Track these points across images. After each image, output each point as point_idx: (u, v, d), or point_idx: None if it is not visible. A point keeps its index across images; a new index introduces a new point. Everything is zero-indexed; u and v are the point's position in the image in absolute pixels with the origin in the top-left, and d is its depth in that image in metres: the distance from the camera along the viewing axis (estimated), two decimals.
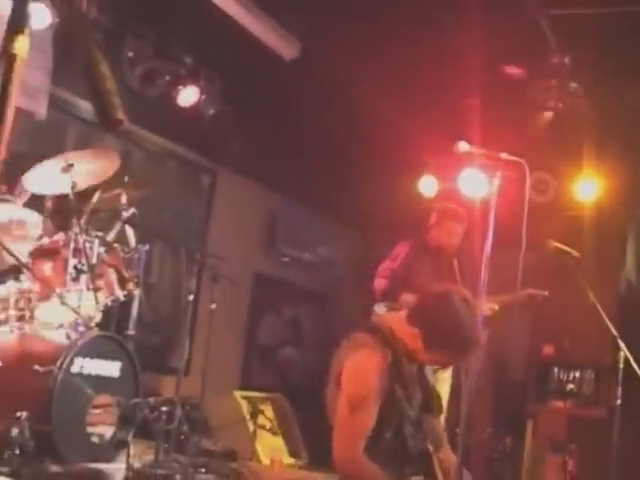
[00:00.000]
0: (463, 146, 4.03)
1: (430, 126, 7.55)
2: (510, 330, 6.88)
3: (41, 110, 6.37)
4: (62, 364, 4.21)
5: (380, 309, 5.90)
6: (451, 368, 5.87)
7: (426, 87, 7.18)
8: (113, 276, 4.96)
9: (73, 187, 4.69)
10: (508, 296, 5.71)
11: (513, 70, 6.79)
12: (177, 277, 7.78)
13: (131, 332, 5.36)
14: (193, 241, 7.65)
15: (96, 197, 4.97)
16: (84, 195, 4.90)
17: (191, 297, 5.46)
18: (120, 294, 4.98)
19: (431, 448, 3.46)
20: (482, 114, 7.03)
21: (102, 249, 4.89)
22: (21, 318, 4.68)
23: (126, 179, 5.21)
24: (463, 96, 7.23)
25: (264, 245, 8.92)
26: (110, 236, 5.02)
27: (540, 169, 7.77)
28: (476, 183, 6.61)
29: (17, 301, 4.72)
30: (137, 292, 5.22)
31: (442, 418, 3.97)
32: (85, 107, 6.93)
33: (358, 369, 3.36)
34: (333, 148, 8.10)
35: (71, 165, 4.69)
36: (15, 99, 6.09)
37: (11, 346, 4.44)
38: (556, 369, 7.98)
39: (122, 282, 4.98)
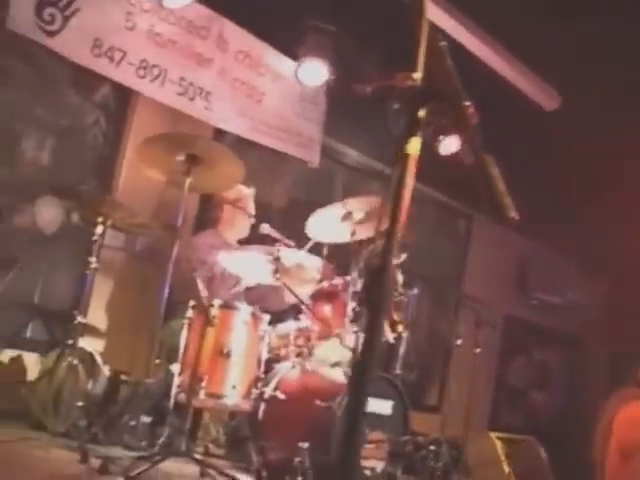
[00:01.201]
0: None
1: None
2: None
3: (315, 159, 6.75)
4: (342, 400, 4.38)
5: None
6: None
7: None
8: (384, 319, 5.13)
9: (352, 234, 4.92)
10: None
11: None
12: (432, 318, 7.93)
13: (398, 372, 5.49)
14: (449, 283, 7.77)
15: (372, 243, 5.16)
16: (361, 240, 5.12)
17: (459, 342, 5.53)
18: (390, 336, 5.13)
19: None
20: None
21: None
22: (299, 354, 4.98)
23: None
24: None
25: (515, 288, 8.87)
26: None
27: None
28: None
29: (296, 338, 5.04)
30: (405, 334, 5.35)
31: None
32: (351, 155, 7.25)
33: (631, 419, 3.34)
34: (585, 195, 7.96)
35: (350, 213, 4.92)
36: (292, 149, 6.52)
37: (294, 381, 4.69)
38: None
39: (392, 325, 5.12)
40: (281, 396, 4.56)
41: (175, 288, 4.73)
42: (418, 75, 1.92)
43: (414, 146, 1.89)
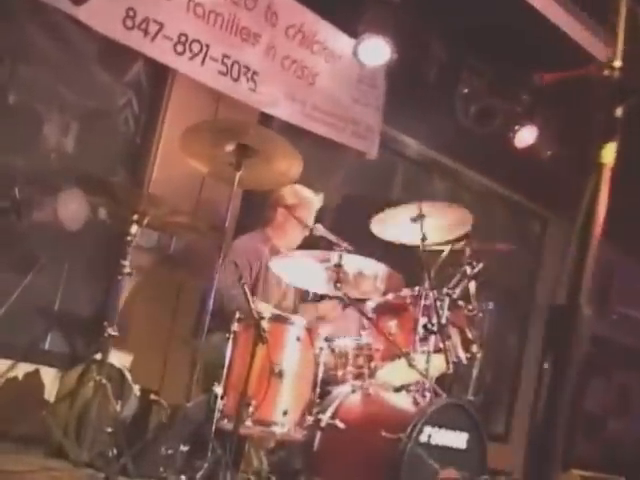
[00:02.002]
0: None
1: None
2: None
3: (372, 150, 6.61)
4: (412, 432, 4.22)
5: None
6: None
7: None
8: (457, 337, 4.95)
9: (423, 240, 4.75)
10: None
11: None
12: (500, 334, 7.75)
13: (471, 398, 5.31)
14: (520, 294, 7.61)
15: (446, 251, 5.01)
16: (433, 248, 4.96)
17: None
18: (463, 356, 4.96)
19: None
20: None
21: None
22: (359, 376, 4.81)
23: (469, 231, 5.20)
24: None
25: (593, 301, 8.64)
26: (456, 293, 5.02)
27: None
28: None
29: (356, 357, 4.87)
30: (479, 355, 5.16)
31: None
32: (413, 146, 7.11)
33: None
34: None
35: (422, 216, 4.75)
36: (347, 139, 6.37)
37: (355, 407, 4.52)
38: None
39: (466, 344, 4.95)
40: (340, 425, 4.39)
41: (216, 297, 4.59)
42: (618, 64, 1.72)
43: (610, 153, 1.70)
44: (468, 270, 5.10)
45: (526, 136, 7.03)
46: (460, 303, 5.05)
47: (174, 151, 4.82)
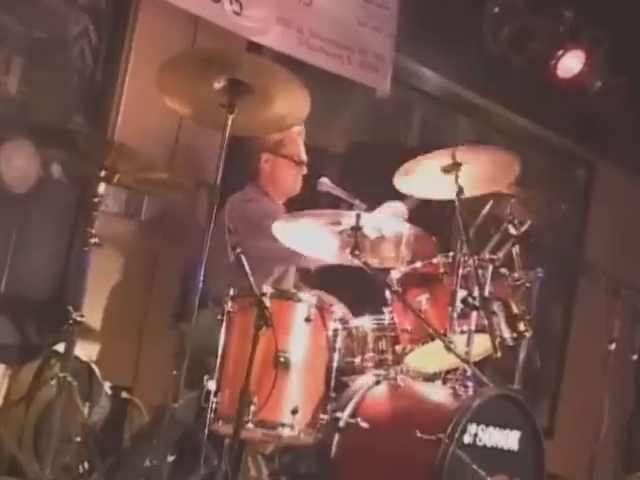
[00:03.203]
0: None
1: None
2: None
3: (384, 85, 6.54)
4: (453, 432, 4.15)
5: None
6: None
7: None
8: (500, 312, 4.87)
9: (459, 194, 4.63)
10: None
11: None
12: (541, 305, 7.71)
13: (517, 387, 5.29)
14: (564, 255, 7.60)
15: (487, 208, 4.92)
16: (471, 205, 4.86)
17: (613, 346, 5.30)
18: (508, 336, 4.88)
19: None
20: None
21: None
22: (381, 363, 4.76)
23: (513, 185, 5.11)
24: None
25: None
26: (499, 259, 4.93)
27: None
28: None
29: (377, 340, 4.80)
30: (529, 334, 5.07)
31: None
32: (431, 78, 7.04)
33: None
34: None
35: (458, 165, 4.63)
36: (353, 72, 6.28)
37: (382, 402, 4.52)
38: None
39: (512, 321, 4.86)
40: (363, 425, 4.36)
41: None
42: None
43: None
44: (512, 230, 5.01)
45: (571, 64, 7.00)
46: (503, 271, 4.96)
47: (143, 90, 4.94)
